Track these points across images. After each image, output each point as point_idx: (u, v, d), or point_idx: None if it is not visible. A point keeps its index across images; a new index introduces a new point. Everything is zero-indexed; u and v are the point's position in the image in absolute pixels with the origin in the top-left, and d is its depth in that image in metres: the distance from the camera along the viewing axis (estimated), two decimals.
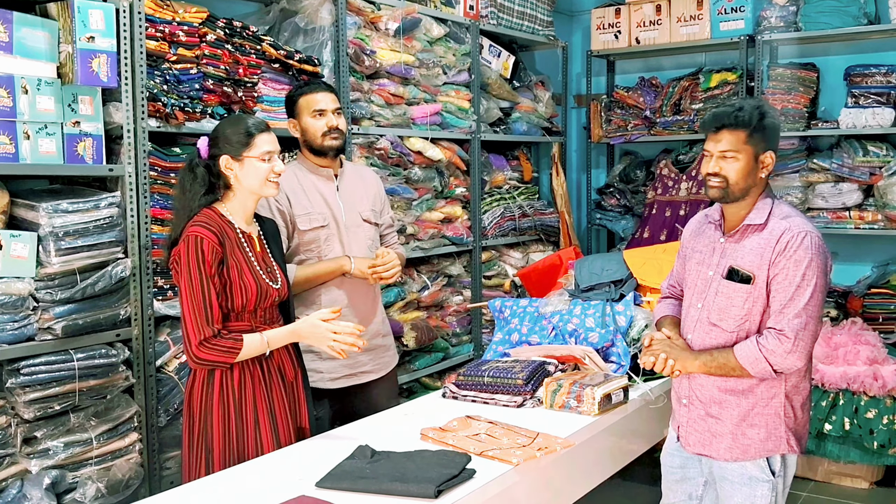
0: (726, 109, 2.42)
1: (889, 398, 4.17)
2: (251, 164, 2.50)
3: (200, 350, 2.38)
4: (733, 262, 2.44)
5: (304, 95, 3.07)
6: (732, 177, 2.41)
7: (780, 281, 2.36)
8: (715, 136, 2.42)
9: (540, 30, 5.21)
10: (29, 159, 2.63)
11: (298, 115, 3.08)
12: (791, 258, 2.35)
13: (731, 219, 2.50)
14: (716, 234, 2.55)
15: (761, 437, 2.45)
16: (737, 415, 2.46)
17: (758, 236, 2.42)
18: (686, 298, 2.62)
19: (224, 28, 3.15)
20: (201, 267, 2.40)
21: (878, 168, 4.60)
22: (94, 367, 2.71)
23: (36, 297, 2.63)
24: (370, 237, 3.20)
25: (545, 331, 3.30)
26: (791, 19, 4.84)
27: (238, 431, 2.49)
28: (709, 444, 2.52)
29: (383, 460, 2.26)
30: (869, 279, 4.77)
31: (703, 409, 2.52)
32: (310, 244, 3.04)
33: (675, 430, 2.65)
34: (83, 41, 2.67)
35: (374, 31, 3.92)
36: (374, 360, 3.19)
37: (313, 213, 3.04)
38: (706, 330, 2.50)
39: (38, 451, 2.61)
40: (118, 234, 2.79)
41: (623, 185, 5.55)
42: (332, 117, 3.04)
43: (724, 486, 2.52)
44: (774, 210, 2.45)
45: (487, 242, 4.73)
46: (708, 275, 2.52)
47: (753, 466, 2.47)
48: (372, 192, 3.26)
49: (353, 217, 3.14)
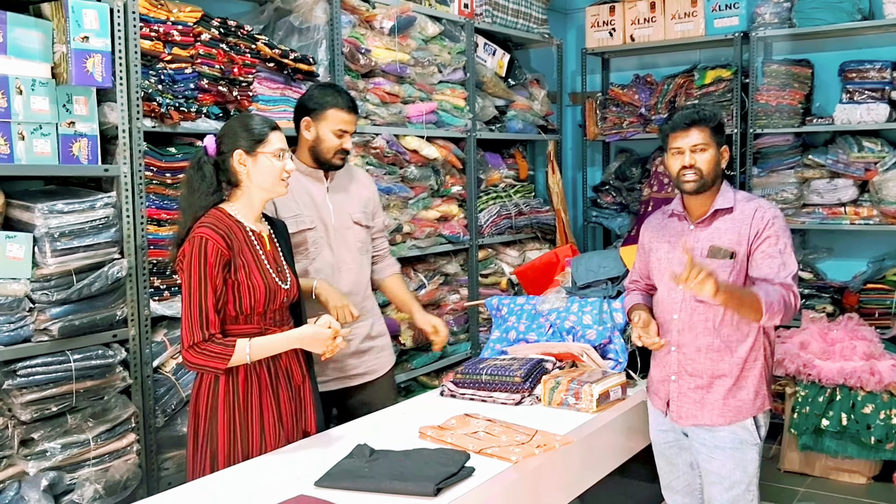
0: (688, 110, 2.71)
1: (886, 393, 4.18)
2: (264, 161, 2.48)
3: (190, 353, 2.37)
4: (712, 243, 2.67)
5: (335, 108, 2.99)
6: (705, 168, 2.66)
7: (765, 250, 2.62)
8: (685, 133, 2.67)
9: (535, 28, 5.21)
10: (24, 160, 2.62)
11: (319, 120, 3.00)
12: (772, 231, 2.63)
13: (698, 209, 2.74)
14: (682, 224, 2.79)
15: (751, 398, 2.69)
16: (728, 382, 2.68)
17: (729, 218, 2.70)
18: (663, 285, 2.79)
19: (219, 27, 3.14)
20: (202, 269, 2.37)
21: (873, 164, 4.60)
22: (91, 368, 2.70)
23: (32, 299, 2.61)
24: (360, 240, 3.15)
25: (542, 328, 3.30)
26: (785, 16, 4.85)
27: (243, 434, 2.46)
28: (700, 413, 2.71)
29: (382, 459, 2.26)
30: (865, 275, 4.78)
31: (693, 382, 2.72)
32: (298, 247, 2.98)
33: (664, 407, 2.81)
34: (77, 41, 2.66)
35: (368, 29, 3.91)
36: (366, 362, 3.16)
37: (301, 215, 2.99)
38: (692, 307, 2.69)
39: (35, 452, 2.60)
40: (114, 234, 2.78)
41: (619, 182, 5.55)
42: (348, 139, 3.02)
43: (715, 455, 2.70)
44: (736, 195, 2.74)
45: (484, 241, 4.73)
46: (684, 259, 2.62)
47: (742, 429, 2.69)
48: (364, 194, 3.22)
49: (343, 219, 3.10)
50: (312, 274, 3.00)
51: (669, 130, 2.72)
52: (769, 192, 4.89)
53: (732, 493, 2.69)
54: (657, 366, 2.84)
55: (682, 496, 2.88)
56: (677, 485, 2.88)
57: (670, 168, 2.73)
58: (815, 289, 4.87)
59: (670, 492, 2.91)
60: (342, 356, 3.04)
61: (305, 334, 2.49)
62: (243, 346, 2.39)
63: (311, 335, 2.48)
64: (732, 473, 2.68)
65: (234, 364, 2.40)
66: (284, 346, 2.50)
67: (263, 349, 2.45)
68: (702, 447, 2.73)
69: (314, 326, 2.49)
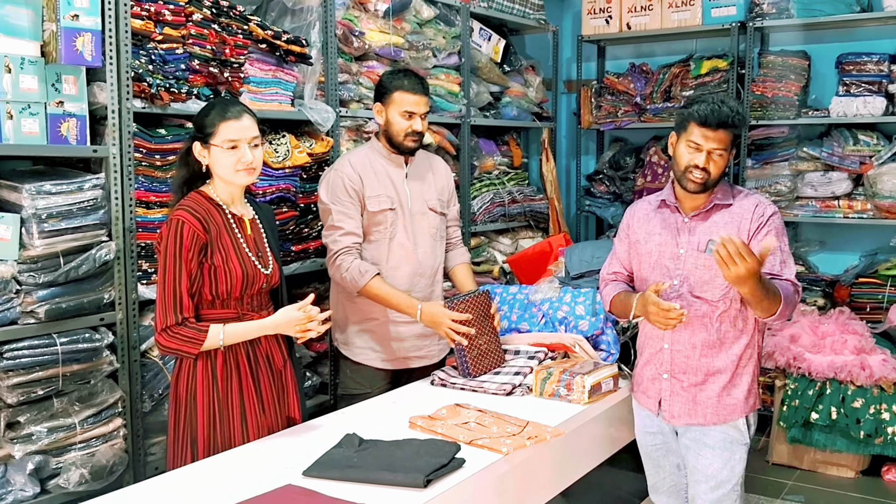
0: (725, 111, 2.50)
1: (876, 388, 4.18)
2: (217, 153, 2.45)
3: (162, 337, 2.36)
4: (710, 237, 2.52)
5: (400, 90, 3.08)
6: (714, 172, 2.56)
7: None
8: (712, 134, 2.51)
9: (531, 13, 5.17)
10: (12, 139, 2.57)
11: (388, 105, 3.10)
12: (771, 225, 2.59)
13: (693, 202, 2.65)
14: (675, 216, 2.69)
15: (743, 396, 2.65)
16: (723, 380, 2.63)
17: (727, 212, 2.62)
18: (652, 276, 2.69)
19: (211, 7, 3.08)
20: (178, 253, 2.36)
21: (868, 157, 4.59)
22: (78, 352, 2.67)
23: (19, 280, 2.58)
24: (434, 226, 3.27)
25: (535, 318, 3.28)
26: (784, 6, 4.81)
27: (223, 420, 2.45)
28: (693, 412, 2.66)
29: (371, 448, 2.24)
30: (857, 268, 4.78)
31: (687, 380, 2.66)
32: (378, 225, 3.13)
33: (654, 407, 2.74)
34: (67, 19, 2.61)
35: (362, 11, 3.86)
36: (428, 346, 3.26)
37: (382, 195, 3.12)
38: (689, 302, 2.60)
39: (21, 436, 2.57)
40: (102, 216, 2.74)
41: (612, 171, 5.52)
42: (418, 121, 3.10)
43: (703, 453, 2.66)
44: (733, 190, 2.68)
45: (477, 228, 4.70)
46: (678, 252, 2.64)
47: (733, 429, 2.65)
48: (441, 182, 3.34)
49: (420, 205, 3.22)
50: (390, 251, 3.13)
51: (698, 121, 2.53)
52: (763, 184, 4.87)
53: (718, 492, 2.64)
54: (647, 363, 2.76)
55: (668, 496, 2.84)
56: (663, 485, 2.84)
57: (679, 157, 2.59)
58: (807, 282, 4.86)
59: (656, 492, 2.88)
60: (406, 336, 3.19)
61: (277, 321, 2.47)
62: (217, 331, 2.38)
63: (284, 319, 2.46)
64: (720, 473, 2.64)
65: (207, 348, 2.39)
66: (258, 332, 2.49)
67: (237, 335, 2.44)
68: (691, 444, 2.69)
69: (285, 310, 2.48)
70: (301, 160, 3.47)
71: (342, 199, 3.08)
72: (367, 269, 3.02)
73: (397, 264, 3.16)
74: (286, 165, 3.40)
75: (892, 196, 4.51)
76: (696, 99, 2.62)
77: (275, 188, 3.37)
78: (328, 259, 3.12)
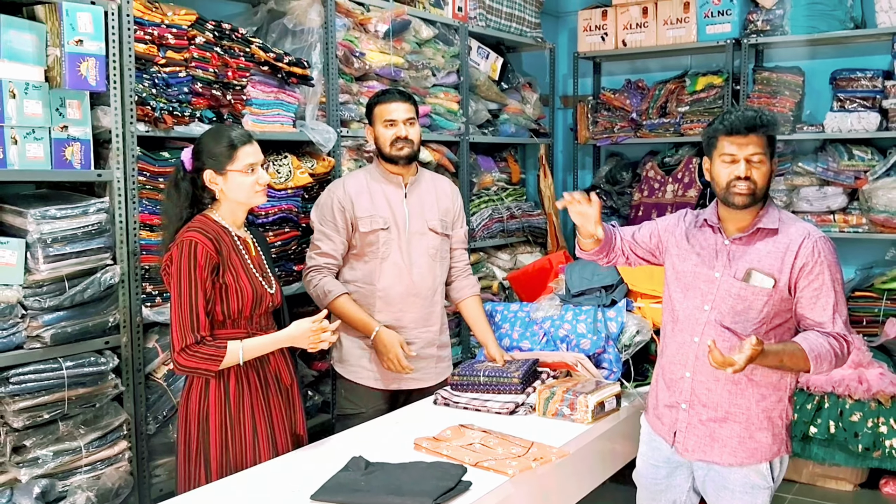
0: (751, 113, 2.37)
1: (873, 401, 4.20)
2: (235, 178, 2.50)
3: (181, 356, 2.37)
4: (750, 265, 2.40)
5: (378, 104, 3.17)
6: (760, 181, 2.38)
7: (817, 287, 2.37)
8: (744, 140, 2.36)
9: (527, 31, 5.21)
10: (16, 165, 2.58)
11: (374, 124, 3.18)
12: (823, 263, 2.37)
13: (737, 223, 2.47)
14: (716, 236, 2.51)
15: (768, 441, 2.45)
16: (745, 419, 2.44)
17: (773, 240, 2.42)
18: (684, 299, 2.53)
19: (213, 30, 3.11)
20: (192, 272, 2.38)
21: (863, 172, 4.62)
22: (83, 376, 2.68)
23: (24, 305, 2.59)
24: (434, 246, 3.25)
25: (536, 336, 3.30)
26: (778, 23, 4.86)
27: (235, 439, 2.47)
28: (710, 448, 2.48)
29: (378, 472, 2.25)
30: (853, 282, 4.81)
31: (706, 414, 2.48)
32: (370, 245, 3.14)
33: (669, 437, 2.57)
34: (71, 44, 2.63)
35: (363, 32, 3.89)
36: (424, 368, 3.23)
37: (375, 216, 3.13)
38: (717, 332, 2.42)
39: (27, 459, 2.57)
40: (107, 239, 2.76)
41: (609, 186, 5.55)
42: (403, 127, 3.13)
43: (722, 495, 2.49)
44: (781, 215, 2.47)
45: (476, 244, 4.72)
46: (713, 276, 2.46)
47: (755, 473, 2.45)
48: (445, 203, 3.32)
49: (419, 224, 3.21)
50: (382, 271, 3.14)
51: (724, 132, 2.38)
52: None
53: None
54: (666, 389, 2.58)
55: None
56: None
57: (717, 176, 2.42)
58: None
59: None
60: None
61: (292, 333, 2.51)
62: (236, 347, 2.42)
63: (298, 332, 2.50)
64: None
65: (227, 366, 2.42)
66: (274, 345, 2.53)
67: (255, 350, 2.48)
68: (709, 482, 2.52)
69: (298, 322, 2.51)
70: (303, 181, 3.49)
71: (327, 220, 3.14)
72: (332, 290, 3.08)
73: (390, 284, 3.15)
74: (288, 186, 3.42)
75: (886, 210, 4.55)
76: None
77: (277, 209, 3.39)
78: (303, 275, 3.20)
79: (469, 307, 3.37)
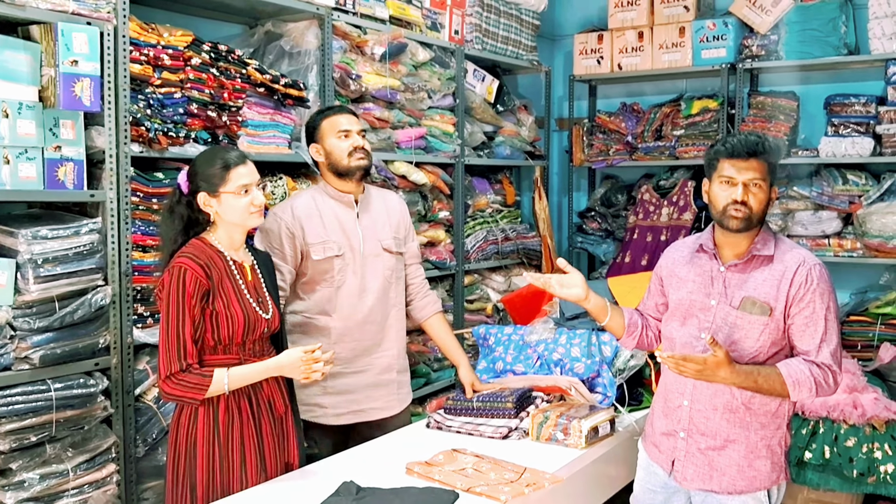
0: (753, 138, 2.38)
1: (868, 426, 4.18)
2: (228, 200, 2.47)
3: (167, 384, 2.34)
4: (746, 293, 2.40)
5: (327, 118, 3.05)
6: (756, 207, 2.38)
7: (808, 315, 2.35)
8: (744, 164, 2.36)
9: (523, 54, 5.22)
10: (9, 185, 2.58)
11: (321, 139, 3.03)
12: (815, 292, 2.35)
13: (732, 249, 2.46)
14: (712, 263, 2.50)
15: (767, 469, 2.44)
16: (745, 447, 2.43)
17: (768, 268, 2.41)
18: (682, 327, 2.52)
19: (209, 52, 3.11)
20: (181, 300, 2.36)
21: (858, 197, 4.63)
22: (72, 398, 2.65)
23: (13, 326, 2.57)
24: (389, 268, 3.12)
25: (530, 360, 3.28)
26: (772, 48, 4.88)
27: (223, 467, 2.43)
28: (709, 477, 2.46)
29: (369, 497, 2.23)
30: (847, 307, 4.80)
31: (705, 442, 2.46)
32: (324, 273, 2.99)
33: (667, 465, 2.55)
34: (66, 65, 2.63)
35: (359, 55, 3.90)
36: (385, 396, 3.12)
37: (328, 241, 2.98)
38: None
39: (13, 483, 2.54)
40: (98, 260, 2.74)
41: (604, 208, 5.56)
42: (357, 137, 3.03)
43: None
44: (777, 242, 2.46)
45: (470, 266, 4.71)
46: (710, 304, 2.46)
47: (754, 501, 2.44)
48: (395, 218, 3.19)
49: (373, 246, 3.07)
50: (337, 300, 2.99)
51: (725, 155, 2.38)
52: None
53: None
54: (664, 417, 2.57)
55: None
56: None
57: (714, 198, 2.42)
58: None
59: None
60: (356, 388, 3.03)
61: (281, 362, 2.47)
62: (221, 375, 2.38)
63: (288, 361, 2.46)
64: None
65: (212, 394, 2.38)
66: (262, 374, 2.48)
67: (241, 379, 2.43)
68: None
69: (288, 352, 2.48)
70: None
71: (274, 248, 2.93)
72: None
73: (348, 314, 3.01)
74: None
75: (881, 235, 4.55)
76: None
77: None
78: None
79: (434, 326, 3.27)
